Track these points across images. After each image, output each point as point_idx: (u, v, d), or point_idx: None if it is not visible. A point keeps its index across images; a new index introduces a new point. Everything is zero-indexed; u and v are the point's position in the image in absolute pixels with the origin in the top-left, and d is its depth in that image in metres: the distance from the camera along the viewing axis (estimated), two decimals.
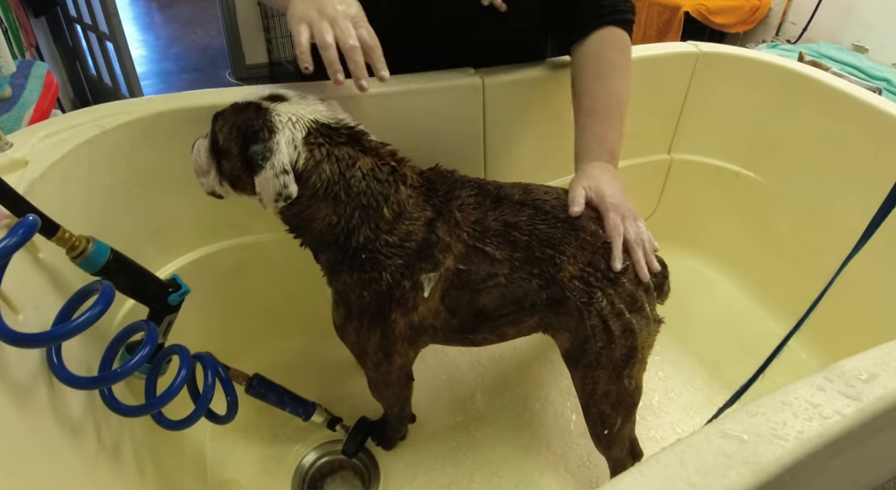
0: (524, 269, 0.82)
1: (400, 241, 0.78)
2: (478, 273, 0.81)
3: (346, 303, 0.84)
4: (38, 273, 0.71)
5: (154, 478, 0.85)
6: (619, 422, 0.92)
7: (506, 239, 0.81)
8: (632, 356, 0.86)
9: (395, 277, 0.79)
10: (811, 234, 1.28)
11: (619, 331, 0.83)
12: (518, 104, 1.11)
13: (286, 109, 0.75)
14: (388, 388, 0.98)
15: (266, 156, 0.72)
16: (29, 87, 1.54)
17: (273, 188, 0.72)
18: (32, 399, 0.61)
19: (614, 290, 0.81)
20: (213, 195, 0.85)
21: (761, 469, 0.44)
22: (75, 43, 2.98)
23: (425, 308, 0.82)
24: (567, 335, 0.87)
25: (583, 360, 0.87)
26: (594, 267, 0.81)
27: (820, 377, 0.54)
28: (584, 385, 0.90)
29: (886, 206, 0.57)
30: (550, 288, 0.82)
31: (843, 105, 1.17)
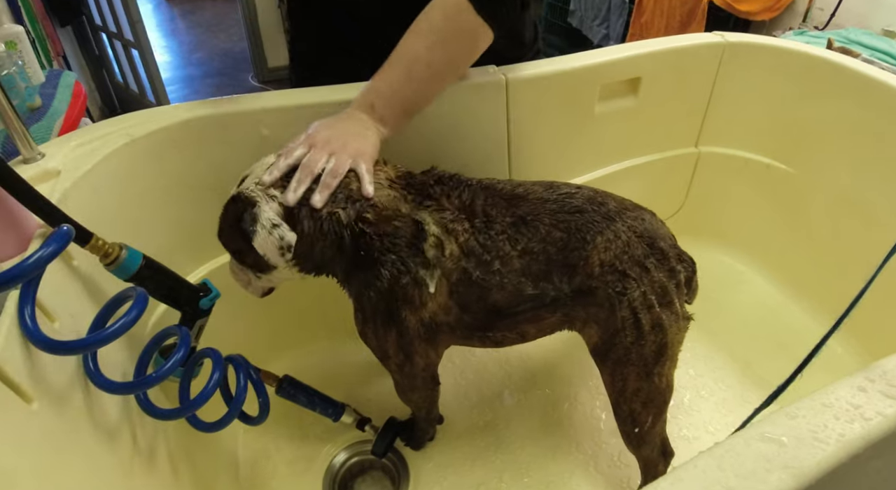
0: (540, 265, 0.81)
1: (386, 235, 0.79)
2: (483, 269, 0.81)
3: (361, 306, 0.86)
4: (73, 281, 0.72)
5: (189, 479, 0.86)
6: (651, 420, 0.91)
7: (517, 233, 0.81)
8: (662, 353, 0.85)
9: (393, 273, 0.79)
10: (846, 226, 1.25)
11: (648, 325, 0.82)
12: (542, 100, 1.10)
13: (250, 181, 0.79)
14: (414, 392, 0.98)
15: (254, 222, 0.76)
16: (58, 96, 1.58)
17: (273, 244, 0.76)
18: (69, 405, 0.62)
19: (648, 280, 0.81)
20: (267, 293, 0.93)
21: (802, 473, 0.43)
22: (101, 51, 3.03)
23: (434, 304, 0.82)
24: (596, 328, 0.86)
25: (612, 356, 0.87)
26: (629, 254, 0.81)
27: (861, 377, 0.53)
28: (614, 382, 0.89)
29: None
30: (576, 279, 0.82)
31: (875, 93, 1.14)
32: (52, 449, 0.56)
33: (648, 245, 0.83)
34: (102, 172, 0.83)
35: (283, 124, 0.95)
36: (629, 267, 0.81)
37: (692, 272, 0.88)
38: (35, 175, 0.77)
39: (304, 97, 0.96)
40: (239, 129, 0.94)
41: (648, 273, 0.82)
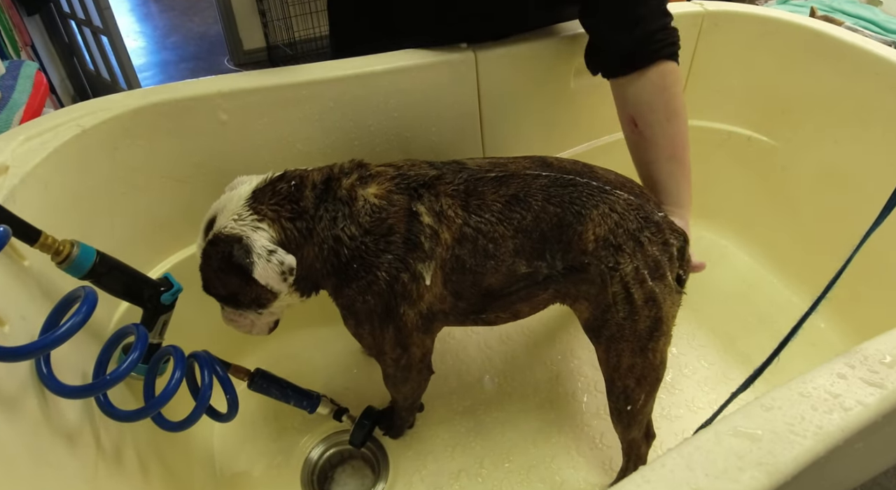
0: (533, 242, 0.80)
1: (381, 237, 0.77)
2: (477, 254, 0.79)
3: (353, 312, 0.83)
4: (24, 282, 0.69)
5: (160, 478, 0.84)
6: (643, 398, 0.90)
7: (510, 214, 0.79)
8: (656, 328, 0.84)
9: (391, 273, 0.78)
10: (829, 198, 1.23)
11: (641, 300, 0.81)
12: (513, 78, 1.07)
13: (224, 219, 0.77)
14: (407, 384, 0.96)
15: (248, 253, 0.73)
16: (18, 88, 1.52)
17: (274, 270, 0.74)
18: (22, 410, 0.59)
19: (641, 254, 0.80)
20: (273, 328, 0.91)
21: (777, 470, 0.41)
22: (71, 39, 2.95)
23: (431, 295, 0.81)
24: (587, 304, 0.85)
25: (605, 332, 0.86)
26: (624, 227, 0.79)
27: (840, 363, 0.50)
28: (609, 358, 0.88)
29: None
30: (569, 256, 0.80)
31: (859, 62, 1.11)
32: (5, 458, 0.53)
33: (644, 218, 0.81)
34: (53, 166, 0.79)
35: (242, 108, 0.92)
36: (624, 241, 0.79)
37: (684, 242, 0.86)
38: None
39: (264, 79, 0.92)
40: (195, 115, 0.90)
41: (642, 247, 0.80)
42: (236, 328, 0.88)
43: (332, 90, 0.95)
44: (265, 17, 3.29)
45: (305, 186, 0.78)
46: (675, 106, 0.95)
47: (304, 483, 1.02)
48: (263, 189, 0.78)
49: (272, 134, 0.96)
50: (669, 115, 0.95)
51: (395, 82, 0.97)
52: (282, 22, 3.28)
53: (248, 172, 0.95)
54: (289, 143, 0.98)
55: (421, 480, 1.01)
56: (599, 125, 1.28)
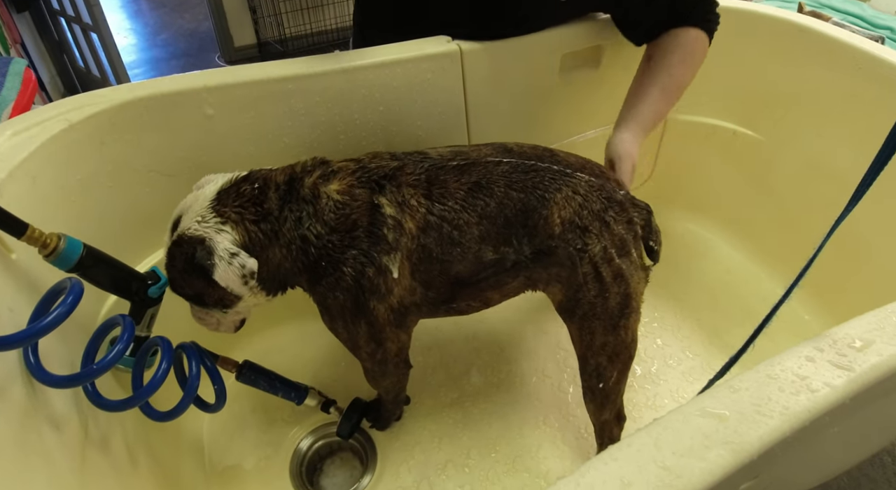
0: (498, 228, 0.80)
1: (346, 233, 0.77)
2: (443, 242, 0.80)
3: (326, 307, 0.84)
4: (12, 274, 0.70)
5: (149, 468, 0.85)
6: (615, 375, 0.91)
7: (473, 201, 0.79)
8: (626, 304, 0.85)
9: (357, 268, 0.78)
10: (813, 192, 1.24)
11: (610, 277, 0.82)
12: (499, 72, 1.08)
13: (189, 219, 0.77)
14: (385, 378, 0.97)
15: (210, 255, 0.73)
16: (7, 84, 1.52)
17: (235, 273, 0.74)
18: (9, 400, 0.60)
19: (608, 234, 0.81)
20: (240, 326, 0.92)
21: (742, 449, 0.42)
22: (61, 36, 2.94)
23: (400, 288, 0.81)
24: (559, 286, 0.86)
25: (577, 312, 0.87)
26: (589, 208, 0.80)
27: (810, 346, 0.51)
28: (582, 337, 0.89)
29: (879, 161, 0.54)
30: (535, 240, 0.81)
31: (844, 56, 1.13)
32: None
33: (606, 198, 0.82)
34: (41, 160, 0.80)
35: (228, 102, 0.92)
36: (589, 222, 0.80)
37: (648, 214, 0.87)
38: None
39: (249, 73, 0.92)
40: (182, 110, 0.90)
41: (608, 227, 0.81)
42: (204, 326, 0.88)
43: (318, 84, 0.95)
44: (256, 14, 3.29)
45: (269, 187, 0.78)
46: (690, 59, 1.03)
47: (293, 474, 1.03)
48: (228, 190, 0.78)
49: (258, 128, 0.96)
50: (682, 60, 1.02)
51: (380, 76, 0.98)
52: (272, 18, 3.27)
53: (234, 167, 0.95)
54: (275, 137, 0.98)
55: (408, 471, 1.02)
56: (585, 119, 1.29)
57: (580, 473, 0.39)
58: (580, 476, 0.39)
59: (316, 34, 3.40)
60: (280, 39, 3.33)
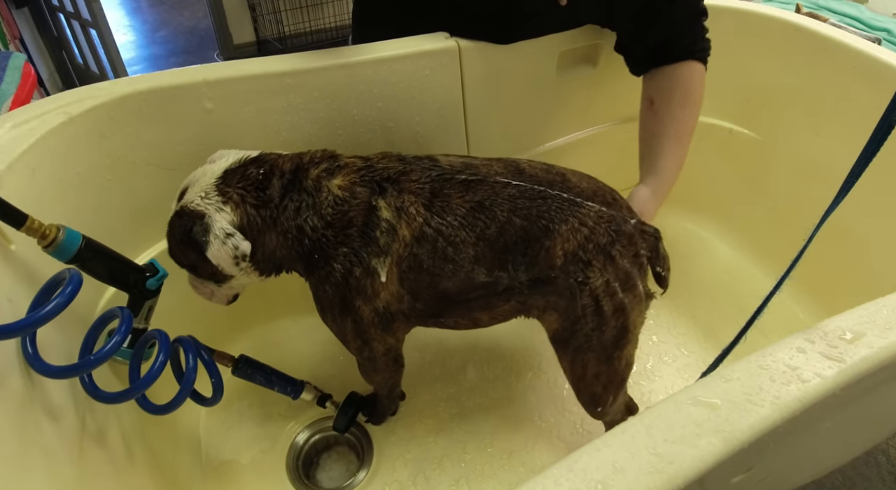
0: (495, 253, 0.79)
1: (341, 230, 0.78)
2: (436, 255, 0.78)
3: (318, 299, 0.85)
4: (11, 265, 0.70)
5: (145, 461, 0.85)
6: (611, 399, 0.91)
7: (473, 221, 0.78)
8: (622, 336, 0.84)
9: (346, 266, 0.78)
10: (809, 190, 1.25)
11: (610, 311, 0.80)
12: (497, 69, 1.08)
13: (193, 193, 0.78)
14: (376, 374, 0.97)
15: (206, 232, 0.75)
16: (7, 78, 1.52)
17: (227, 254, 0.76)
18: (7, 389, 0.60)
19: (612, 268, 0.79)
20: (233, 300, 0.93)
21: (733, 437, 0.42)
22: (60, 32, 2.94)
23: (387, 293, 0.81)
24: (556, 316, 0.84)
25: (572, 343, 0.85)
26: (594, 242, 0.78)
27: (801, 338, 0.52)
28: (574, 368, 0.89)
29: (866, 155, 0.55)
30: (534, 269, 0.79)
31: (838, 56, 1.13)
32: None
33: (615, 231, 0.79)
34: (40, 153, 0.80)
35: (228, 97, 0.92)
36: (593, 256, 0.78)
37: (655, 241, 0.84)
38: None
39: (249, 68, 0.93)
40: (181, 104, 0.91)
41: (613, 261, 0.79)
42: (198, 294, 0.90)
43: (317, 79, 0.96)
44: (255, 12, 3.29)
45: (274, 174, 0.79)
46: (692, 98, 1.03)
47: (289, 469, 1.04)
48: (235, 170, 0.79)
49: (257, 122, 0.97)
50: (684, 103, 1.02)
51: (379, 72, 0.99)
52: (272, 16, 3.27)
53: None
54: (274, 132, 0.99)
55: (405, 465, 1.03)
56: (583, 117, 1.30)
57: (573, 459, 0.40)
58: (573, 462, 0.40)
59: (315, 32, 3.40)
60: (279, 37, 3.33)
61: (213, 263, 0.76)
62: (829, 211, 0.59)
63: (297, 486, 1.01)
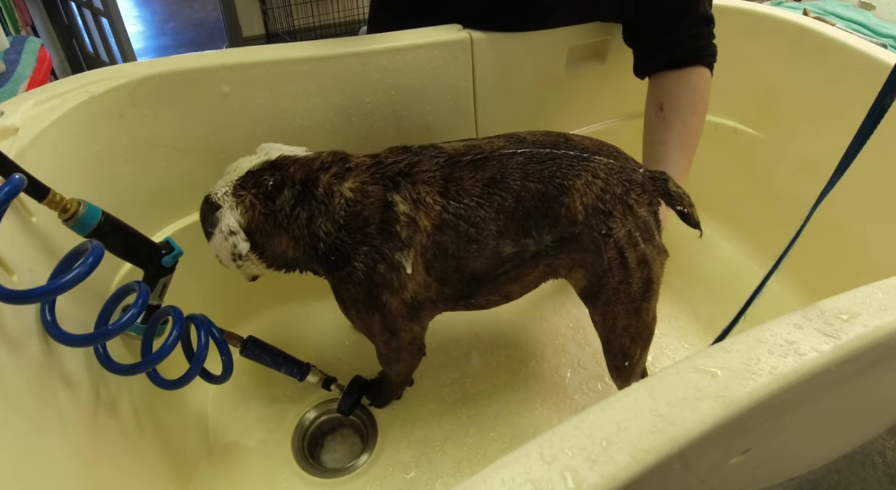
0: (517, 222, 0.80)
1: (357, 230, 0.79)
2: (459, 239, 0.80)
3: (340, 298, 0.87)
4: (32, 236, 0.72)
5: (154, 435, 0.87)
6: (639, 353, 0.93)
7: (490, 197, 0.79)
8: (648, 288, 0.86)
9: (368, 264, 0.79)
10: (811, 189, 1.24)
11: (634, 263, 0.82)
12: (508, 61, 1.10)
13: (220, 183, 0.82)
14: (399, 363, 0.99)
15: (213, 225, 0.79)
16: (22, 62, 1.54)
17: (227, 249, 0.79)
18: (26, 354, 0.62)
19: (632, 217, 0.81)
20: (254, 279, 0.94)
21: (733, 402, 0.44)
22: (71, 20, 2.95)
23: (414, 284, 0.82)
24: (582, 272, 0.86)
25: (601, 297, 0.87)
26: (611, 192, 0.80)
27: (798, 316, 0.54)
28: (605, 321, 0.90)
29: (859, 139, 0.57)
30: (557, 229, 0.81)
31: (842, 57, 1.15)
32: (10, 396, 0.56)
33: (627, 180, 0.81)
34: (61, 130, 0.82)
35: (245, 82, 0.94)
36: (612, 207, 0.80)
37: (665, 183, 0.84)
38: None
39: (266, 54, 0.95)
40: (199, 87, 0.93)
41: (632, 210, 0.80)
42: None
43: (332, 67, 0.98)
44: (265, 5, 3.31)
45: (285, 184, 0.80)
46: (701, 106, 1.05)
47: (295, 449, 1.05)
48: (254, 174, 0.81)
49: (273, 108, 0.99)
50: (693, 110, 1.04)
51: (392, 61, 1.00)
52: (282, 10, 3.30)
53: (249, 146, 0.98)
54: (289, 118, 1.01)
55: (408, 447, 1.05)
56: (591, 111, 1.32)
57: (579, 418, 0.42)
58: (580, 421, 0.42)
59: (323, 27, 3.43)
60: (289, 31, 3.36)
61: (214, 254, 0.79)
62: (823, 193, 0.61)
63: (303, 466, 1.03)
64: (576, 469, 0.38)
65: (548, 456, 0.39)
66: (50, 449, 0.60)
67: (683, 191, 0.85)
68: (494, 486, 0.36)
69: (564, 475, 0.37)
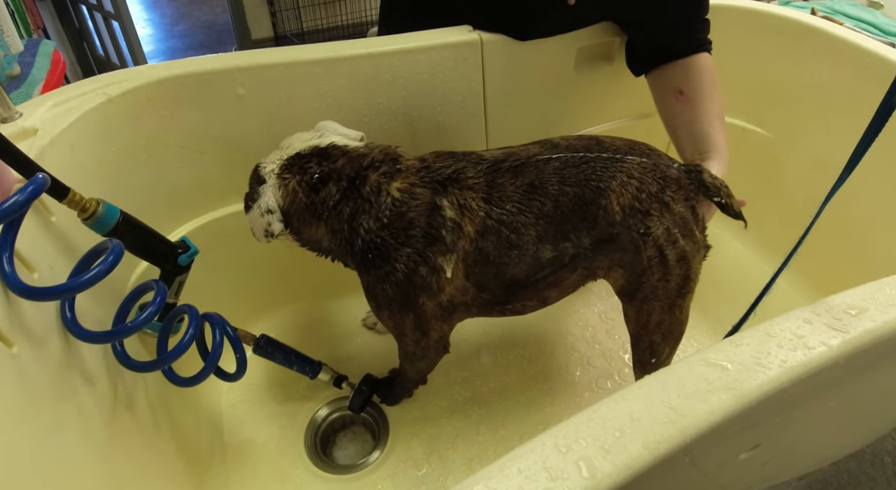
0: (556, 226, 0.81)
1: (401, 231, 0.79)
2: (501, 245, 0.81)
3: (373, 296, 0.87)
4: (51, 235, 0.73)
5: (170, 431, 0.88)
6: (667, 351, 0.94)
7: (529, 202, 0.80)
8: (685, 285, 0.86)
9: (410, 266, 0.80)
10: (820, 188, 1.24)
11: (674, 260, 0.83)
12: (517, 62, 1.11)
13: (272, 156, 0.83)
14: (423, 361, 0.99)
15: (254, 199, 0.81)
16: (37, 64, 1.57)
17: (260, 226, 0.81)
18: (47, 351, 0.63)
19: (669, 215, 0.81)
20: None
21: (743, 395, 0.45)
22: (82, 23, 2.98)
23: (451, 288, 0.83)
24: (621, 271, 0.86)
25: (638, 295, 0.87)
26: (646, 191, 0.80)
27: (807, 311, 0.55)
28: (639, 317, 0.91)
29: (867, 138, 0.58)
30: (595, 231, 0.82)
31: (850, 56, 1.15)
32: (32, 391, 0.57)
33: (661, 178, 0.81)
34: (79, 131, 0.84)
35: (259, 83, 0.96)
36: (649, 205, 0.80)
37: (699, 175, 0.84)
38: (12, 133, 0.78)
39: (280, 56, 0.96)
40: (214, 89, 0.94)
41: (668, 207, 0.81)
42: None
43: (345, 68, 0.99)
44: (273, 7, 3.33)
45: (331, 178, 0.80)
46: (716, 83, 1.08)
47: (307, 445, 1.07)
48: (302, 157, 0.81)
49: (287, 109, 1.00)
50: (714, 86, 1.07)
51: (404, 62, 1.02)
52: (291, 12, 3.32)
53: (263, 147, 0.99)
54: (303, 119, 1.01)
55: (419, 443, 1.06)
56: (600, 112, 1.32)
57: (593, 410, 0.43)
58: (593, 412, 0.43)
59: (331, 29, 3.45)
60: (298, 33, 3.38)
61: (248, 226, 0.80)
62: (832, 191, 0.62)
63: (315, 463, 1.04)
64: (590, 458, 0.39)
65: (563, 446, 0.40)
66: (69, 443, 0.62)
67: (720, 181, 0.85)
68: (511, 475, 0.37)
69: (579, 464, 0.38)
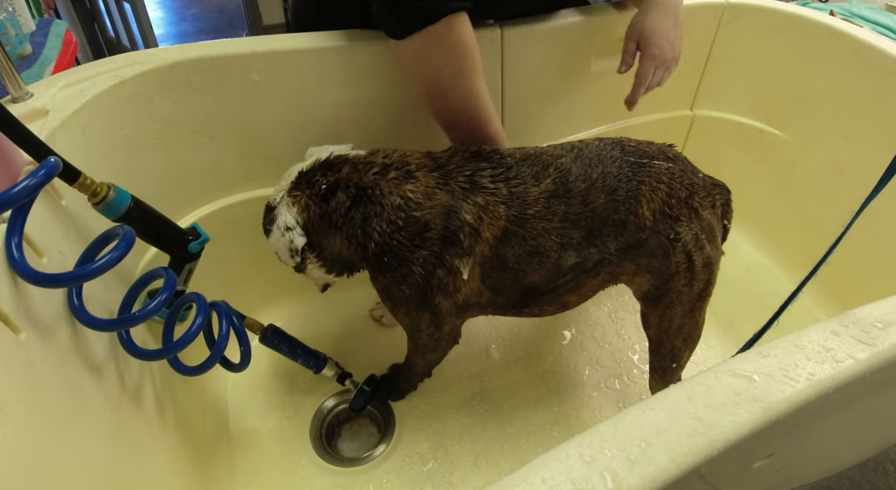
0: (581, 231, 0.79)
1: (417, 234, 0.78)
2: (521, 252, 0.79)
3: (389, 297, 0.86)
4: (61, 219, 0.72)
5: (175, 422, 0.88)
6: (686, 355, 0.94)
7: (554, 208, 0.79)
8: (706, 289, 0.87)
9: (427, 268, 0.79)
10: (836, 194, 1.25)
11: (700, 265, 0.83)
12: (536, 56, 1.09)
13: (276, 190, 0.83)
14: (434, 353, 0.99)
15: (271, 222, 0.81)
16: (49, 44, 1.55)
17: (284, 245, 0.80)
18: (55, 338, 0.62)
19: (698, 221, 0.81)
20: (325, 289, 0.97)
21: (770, 407, 0.44)
22: (93, 4, 2.97)
23: (467, 289, 0.82)
24: (648, 277, 0.86)
25: (664, 300, 0.87)
26: (676, 197, 0.80)
27: (835, 322, 0.54)
28: (661, 322, 0.90)
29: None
30: (623, 236, 0.81)
31: (872, 60, 1.13)
32: (39, 379, 0.57)
33: (689, 184, 0.81)
34: (91, 113, 0.82)
35: (274, 70, 0.94)
36: (679, 211, 0.80)
37: (728, 194, 0.87)
38: (23, 114, 0.77)
39: (296, 42, 0.94)
40: (229, 74, 0.92)
41: (697, 214, 0.81)
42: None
43: (361, 57, 0.97)
44: None
45: (339, 187, 0.79)
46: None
47: (312, 437, 1.06)
48: (307, 174, 0.81)
49: (301, 97, 0.98)
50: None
51: None
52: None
53: (277, 135, 0.98)
54: (318, 108, 1.00)
55: (426, 438, 1.05)
56: (617, 109, 1.30)
57: (618, 418, 0.42)
58: (618, 421, 0.42)
59: None
60: None
61: (273, 251, 0.80)
62: (857, 214, 0.60)
63: (320, 454, 1.03)
64: (615, 470, 0.38)
65: (587, 456, 0.38)
66: (76, 431, 0.61)
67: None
68: (535, 485, 0.36)
69: (604, 475, 0.37)
